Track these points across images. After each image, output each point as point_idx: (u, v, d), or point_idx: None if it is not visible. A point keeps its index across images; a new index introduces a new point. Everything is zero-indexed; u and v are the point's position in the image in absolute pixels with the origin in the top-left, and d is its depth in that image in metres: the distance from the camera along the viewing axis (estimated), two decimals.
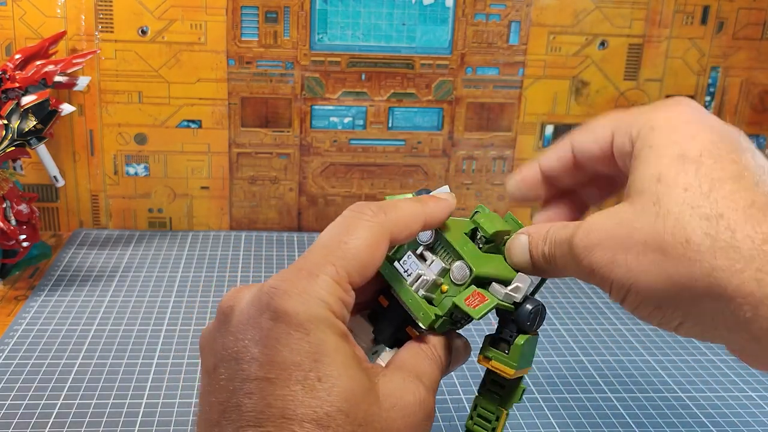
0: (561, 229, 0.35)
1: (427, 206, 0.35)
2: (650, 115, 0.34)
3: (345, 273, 0.31)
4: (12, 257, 0.70)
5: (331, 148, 0.85)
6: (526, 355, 0.36)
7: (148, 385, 0.55)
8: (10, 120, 0.65)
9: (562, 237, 0.34)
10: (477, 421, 0.38)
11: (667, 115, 0.33)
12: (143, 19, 0.78)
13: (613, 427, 0.52)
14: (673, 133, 0.32)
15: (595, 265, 0.32)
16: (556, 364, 0.60)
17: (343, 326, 0.31)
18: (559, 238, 0.35)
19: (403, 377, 0.33)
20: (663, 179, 0.31)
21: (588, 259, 0.32)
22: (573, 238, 0.33)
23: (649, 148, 0.33)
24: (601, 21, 0.84)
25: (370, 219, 0.33)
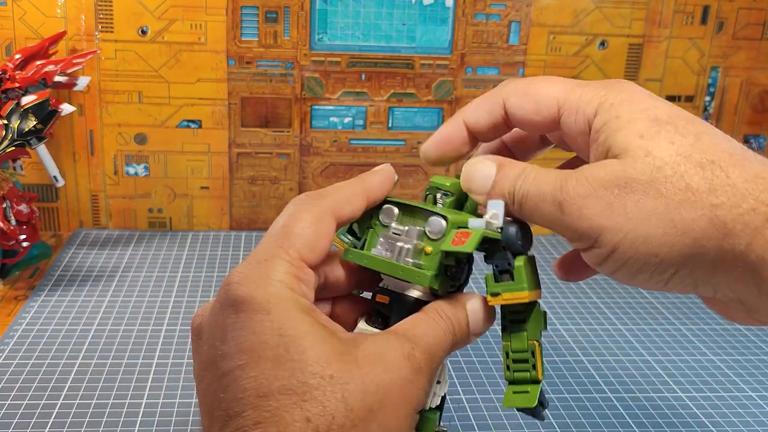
0: (545, 173, 0.34)
1: (364, 181, 0.36)
2: (601, 94, 0.34)
3: (296, 253, 0.33)
4: (12, 257, 0.70)
5: (331, 148, 0.85)
6: (531, 275, 0.35)
7: (148, 385, 0.55)
8: (10, 120, 0.65)
9: (548, 181, 0.33)
10: (515, 367, 0.36)
11: (620, 95, 0.34)
12: (143, 19, 0.78)
13: (613, 427, 0.52)
14: (634, 105, 0.33)
15: (588, 214, 0.32)
16: (556, 364, 0.60)
17: (305, 301, 0.32)
18: (544, 181, 0.34)
19: (387, 337, 0.32)
20: (646, 136, 0.32)
21: (580, 206, 0.32)
22: (565, 185, 0.33)
23: (616, 118, 0.33)
24: (601, 21, 0.84)
25: (310, 203, 0.34)
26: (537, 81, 0.37)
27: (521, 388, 0.36)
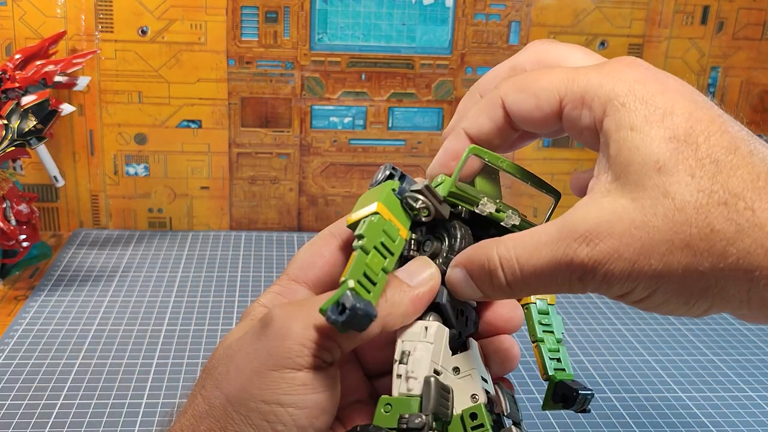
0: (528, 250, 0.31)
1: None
2: (608, 83, 0.31)
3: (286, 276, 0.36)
4: (12, 257, 0.70)
5: (331, 148, 0.85)
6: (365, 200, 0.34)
7: (148, 385, 0.55)
8: (10, 120, 0.65)
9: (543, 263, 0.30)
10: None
11: (628, 86, 0.30)
12: (143, 19, 0.78)
13: (613, 427, 0.52)
14: (649, 108, 0.30)
15: (613, 276, 0.29)
16: None
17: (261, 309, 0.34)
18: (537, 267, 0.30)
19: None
20: (664, 168, 0.29)
21: (604, 270, 0.29)
22: (575, 256, 0.29)
23: (630, 131, 0.29)
24: (601, 21, 0.84)
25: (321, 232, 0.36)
26: (534, 73, 0.34)
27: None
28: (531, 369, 0.59)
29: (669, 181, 0.28)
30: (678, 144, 0.29)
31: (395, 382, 0.32)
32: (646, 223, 0.28)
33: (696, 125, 0.29)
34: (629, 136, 0.29)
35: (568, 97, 0.32)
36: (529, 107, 0.33)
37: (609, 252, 0.29)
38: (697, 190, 0.28)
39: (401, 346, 0.33)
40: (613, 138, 0.30)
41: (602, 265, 0.29)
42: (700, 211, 0.28)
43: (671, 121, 0.29)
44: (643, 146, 0.29)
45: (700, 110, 0.30)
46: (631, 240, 0.29)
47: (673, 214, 0.28)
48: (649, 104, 0.30)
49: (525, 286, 0.31)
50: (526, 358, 0.60)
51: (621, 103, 0.30)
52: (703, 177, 0.28)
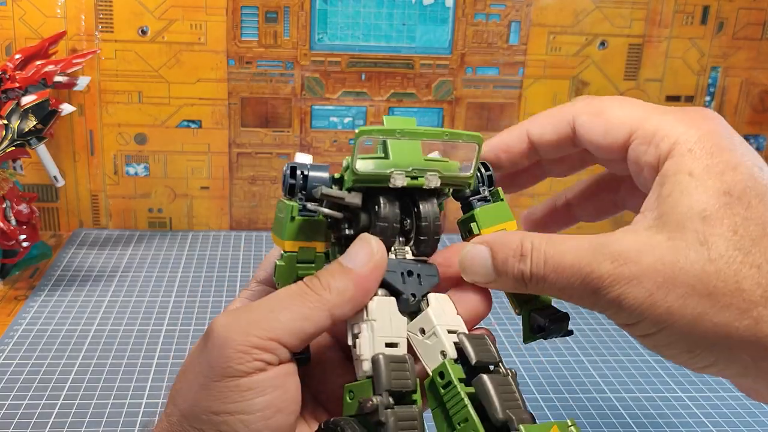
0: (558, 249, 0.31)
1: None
2: (681, 128, 0.31)
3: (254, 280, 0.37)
4: (12, 257, 0.70)
5: (331, 148, 0.85)
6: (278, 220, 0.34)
7: (148, 385, 0.55)
8: (10, 120, 0.65)
9: (569, 262, 0.31)
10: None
11: (700, 135, 0.31)
12: (143, 19, 0.78)
13: (613, 427, 0.52)
14: (713, 160, 0.30)
15: (627, 301, 0.29)
16: (556, 364, 0.60)
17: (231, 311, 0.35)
18: (562, 263, 0.31)
19: None
20: (709, 218, 0.29)
21: (617, 293, 0.29)
22: (594, 269, 0.30)
23: (689, 176, 0.30)
24: (601, 21, 0.84)
25: None
26: (612, 101, 0.34)
27: None
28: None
29: (710, 232, 0.29)
30: (730, 199, 0.29)
31: (356, 366, 0.32)
32: (675, 263, 0.29)
33: (754, 186, 0.30)
34: (685, 180, 0.30)
35: (639, 133, 0.32)
36: (599, 132, 0.34)
37: (629, 275, 0.29)
38: (735, 247, 0.29)
39: (351, 330, 0.32)
40: (670, 179, 0.31)
41: (619, 285, 0.29)
42: (732, 267, 0.28)
43: (731, 177, 0.30)
44: (696, 193, 0.30)
45: (761, 175, 0.30)
46: (654, 272, 0.29)
47: (704, 263, 0.29)
48: (714, 156, 0.30)
49: (542, 281, 0.32)
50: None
51: (688, 148, 0.31)
52: (745, 236, 0.29)
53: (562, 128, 0.35)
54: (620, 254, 0.30)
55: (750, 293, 0.28)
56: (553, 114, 0.36)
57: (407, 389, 0.31)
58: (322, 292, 0.31)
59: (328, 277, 0.32)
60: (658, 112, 0.33)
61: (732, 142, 0.31)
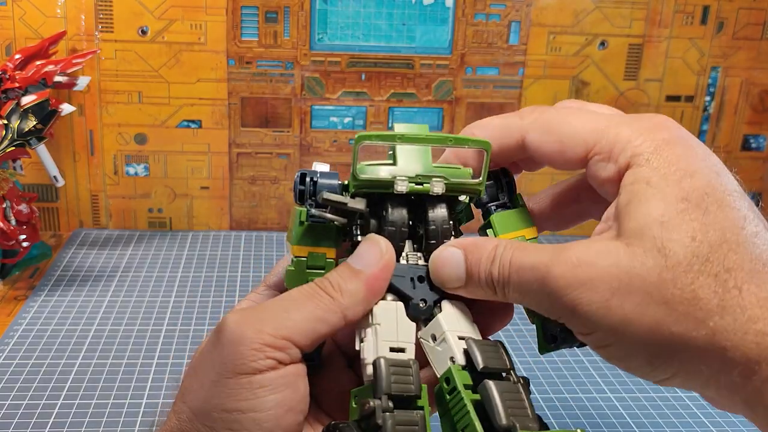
0: (523, 252, 0.31)
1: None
2: (637, 140, 0.31)
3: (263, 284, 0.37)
4: (12, 257, 0.70)
5: (331, 148, 0.85)
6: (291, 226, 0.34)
7: (148, 385, 0.55)
8: (10, 120, 0.65)
9: (529, 263, 0.30)
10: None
11: (656, 144, 0.30)
12: (143, 19, 0.78)
13: (613, 427, 0.52)
14: (670, 168, 0.30)
15: (582, 306, 0.29)
16: (556, 364, 0.60)
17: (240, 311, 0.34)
18: (523, 263, 0.31)
19: None
20: (667, 224, 0.29)
21: (571, 297, 0.29)
22: (551, 270, 0.29)
23: (646, 185, 0.30)
24: (601, 21, 0.84)
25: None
26: (562, 115, 0.33)
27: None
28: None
29: (668, 237, 0.28)
30: (688, 205, 0.29)
31: (362, 372, 0.32)
32: (632, 269, 0.28)
33: (712, 193, 0.29)
34: (643, 189, 0.30)
35: (596, 149, 0.32)
36: (552, 150, 0.33)
37: (584, 278, 0.29)
38: (693, 254, 0.28)
39: (358, 335, 0.33)
40: (627, 189, 0.30)
41: (573, 288, 0.29)
42: (689, 275, 0.28)
43: (688, 184, 0.29)
44: (654, 200, 0.29)
45: (719, 181, 0.30)
46: (610, 277, 0.29)
47: (661, 270, 0.28)
48: (671, 164, 0.30)
49: (507, 284, 0.31)
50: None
51: (645, 159, 0.30)
52: (704, 242, 0.28)
53: (507, 143, 0.34)
54: (577, 257, 0.29)
55: (706, 302, 0.28)
56: (500, 126, 0.34)
57: (409, 393, 0.30)
58: (334, 294, 0.31)
59: (339, 279, 0.32)
60: (613, 123, 0.32)
61: (690, 149, 0.31)
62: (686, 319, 0.28)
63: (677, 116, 0.88)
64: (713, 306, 0.28)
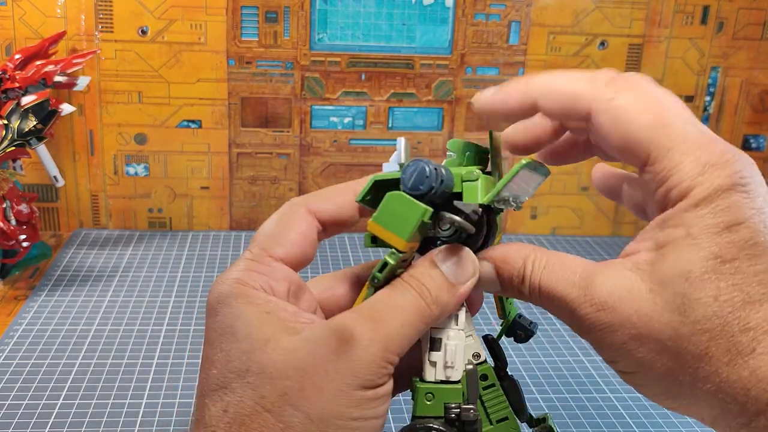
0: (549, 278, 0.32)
1: (357, 183, 0.36)
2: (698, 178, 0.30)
3: (258, 249, 0.34)
4: (12, 257, 0.70)
5: (331, 148, 0.85)
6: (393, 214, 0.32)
7: (148, 385, 0.55)
8: (10, 120, 0.65)
9: (559, 294, 0.31)
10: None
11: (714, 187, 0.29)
12: (143, 19, 0.78)
13: (613, 427, 0.52)
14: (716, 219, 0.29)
15: (603, 344, 0.31)
16: (556, 364, 0.60)
17: (250, 291, 0.32)
18: (554, 293, 0.32)
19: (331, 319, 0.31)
20: (693, 281, 0.29)
21: (596, 335, 0.31)
22: (579, 308, 0.31)
23: (686, 233, 0.30)
24: (601, 21, 0.84)
25: (285, 204, 0.36)
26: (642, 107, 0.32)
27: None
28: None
29: (691, 295, 0.29)
30: (719, 264, 0.29)
31: (429, 368, 0.33)
32: (651, 319, 0.30)
33: (748, 248, 0.29)
34: (681, 237, 0.30)
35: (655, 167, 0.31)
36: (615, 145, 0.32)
37: (606, 323, 0.30)
38: (714, 314, 0.29)
39: (431, 333, 0.33)
40: (669, 231, 0.30)
41: (597, 330, 0.31)
42: (705, 335, 0.29)
43: (727, 238, 0.29)
44: (687, 252, 0.29)
45: (763, 233, 0.29)
46: (630, 324, 0.30)
47: (679, 325, 0.29)
48: (719, 215, 0.29)
49: (538, 302, 0.33)
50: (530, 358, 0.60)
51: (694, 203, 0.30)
52: (726, 303, 0.29)
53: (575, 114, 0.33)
54: (601, 298, 0.30)
55: (716, 360, 0.29)
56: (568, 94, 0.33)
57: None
58: (432, 307, 0.32)
59: (437, 291, 0.32)
60: (683, 148, 0.30)
61: (747, 195, 0.30)
62: (695, 372, 0.29)
63: None
64: (722, 364, 0.29)
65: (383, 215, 0.32)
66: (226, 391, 0.30)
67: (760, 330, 0.29)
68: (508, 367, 0.37)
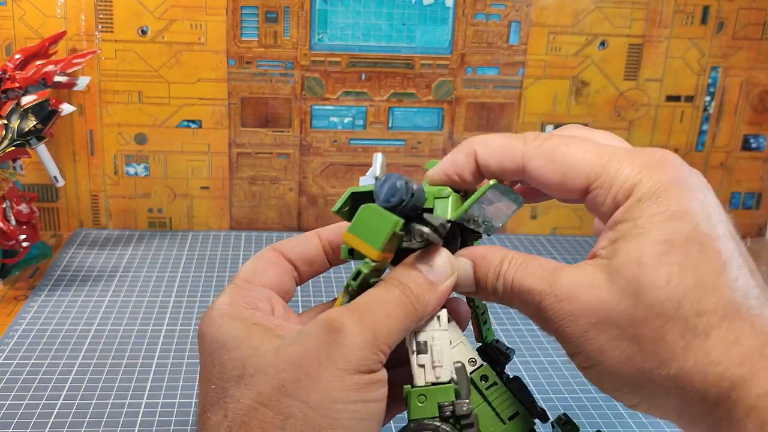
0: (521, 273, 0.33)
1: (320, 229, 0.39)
2: (636, 179, 0.31)
3: (240, 280, 0.37)
4: (12, 257, 0.70)
5: (331, 148, 0.85)
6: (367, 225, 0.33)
7: (148, 385, 0.55)
8: (10, 120, 0.65)
9: (528, 287, 0.33)
10: None
11: (653, 183, 0.31)
12: (143, 19, 0.78)
13: (613, 427, 0.52)
14: (660, 208, 0.31)
15: (566, 333, 0.32)
16: (556, 364, 0.60)
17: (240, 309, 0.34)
18: (523, 287, 0.33)
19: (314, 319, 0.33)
20: (645, 266, 0.30)
21: (558, 326, 0.32)
22: (542, 300, 0.32)
23: (633, 225, 0.31)
24: (601, 21, 0.84)
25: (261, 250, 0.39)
26: (565, 144, 0.33)
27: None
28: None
29: (645, 280, 0.30)
30: (669, 248, 0.30)
31: (417, 371, 0.34)
32: (609, 306, 0.31)
33: (696, 236, 0.30)
34: (629, 228, 0.31)
35: (597, 183, 0.32)
36: (554, 180, 0.33)
37: (568, 312, 0.31)
38: (667, 297, 0.30)
39: (416, 336, 0.34)
40: (618, 226, 0.32)
41: (559, 320, 0.32)
42: (660, 318, 0.30)
43: (674, 226, 0.30)
44: (637, 241, 0.31)
45: (708, 222, 0.31)
46: (590, 312, 0.31)
47: (635, 310, 0.30)
48: (662, 205, 0.31)
49: (509, 301, 0.34)
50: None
51: (638, 198, 0.31)
52: (678, 286, 0.30)
53: (509, 166, 0.34)
54: (563, 289, 0.32)
55: (673, 344, 0.30)
56: (503, 147, 0.34)
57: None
58: (417, 305, 0.33)
59: (419, 289, 0.34)
60: (616, 158, 0.32)
61: (686, 189, 0.31)
62: (653, 357, 0.30)
63: (677, 116, 0.88)
64: (678, 348, 0.29)
65: (357, 226, 0.33)
66: (225, 399, 0.31)
67: (714, 315, 0.29)
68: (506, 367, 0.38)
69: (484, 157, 0.35)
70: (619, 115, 0.87)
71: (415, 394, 0.34)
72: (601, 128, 0.37)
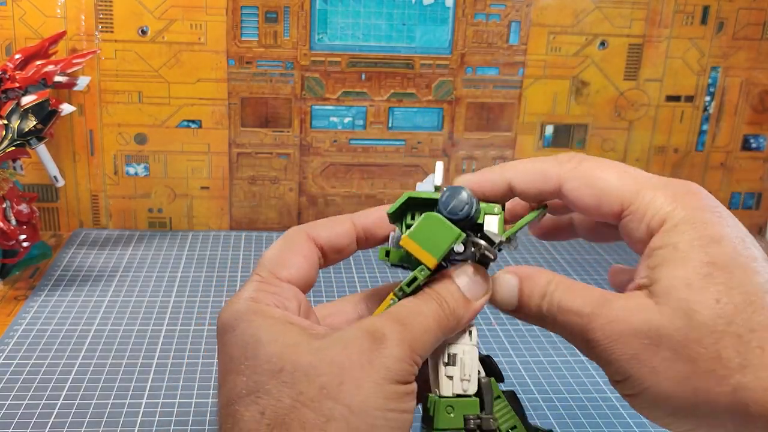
0: (569, 295, 0.34)
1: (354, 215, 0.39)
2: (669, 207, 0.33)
3: (266, 272, 0.36)
4: (12, 257, 0.70)
5: (331, 148, 0.85)
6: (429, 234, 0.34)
7: (148, 385, 0.55)
8: (10, 120, 0.65)
9: (573, 309, 0.34)
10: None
11: (687, 212, 0.32)
12: (143, 19, 0.78)
13: (613, 427, 0.52)
14: (697, 234, 0.32)
15: (614, 356, 0.32)
16: (556, 363, 0.60)
17: (270, 308, 0.34)
18: (568, 308, 0.34)
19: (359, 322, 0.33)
20: (693, 287, 0.31)
21: (606, 348, 0.32)
22: (591, 322, 0.33)
23: (674, 249, 0.32)
24: (601, 21, 0.84)
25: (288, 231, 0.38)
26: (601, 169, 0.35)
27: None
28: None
29: (694, 300, 0.31)
30: (714, 270, 0.31)
31: (445, 382, 0.35)
32: (661, 327, 0.31)
33: (737, 258, 0.31)
34: (671, 253, 0.32)
35: (631, 209, 0.34)
36: (590, 203, 0.35)
37: (617, 334, 0.32)
38: (718, 315, 0.30)
39: (448, 349, 0.35)
40: (657, 252, 0.32)
41: (610, 342, 0.32)
42: (713, 335, 0.30)
43: (714, 249, 0.31)
44: (681, 264, 0.32)
45: (744, 246, 0.32)
46: (641, 334, 0.31)
47: (688, 330, 0.30)
48: (698, 231, 0.32)
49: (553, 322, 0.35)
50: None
51: (674, 224, 0.32)
52: (728, 305, 0.30)
53: (546, 189, 0.36)
54: (614, 313, 0.32)
55: (728, 361, 0.30)
56: (537, 171, 0.36)
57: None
58: (450, 319, 0.34)
59: (455, 305, 0.34)
60: (649, 187, 0.34)
61: (718, 217, 0.33)
62: (710, 376, 0.30)
63: (677, 116, 0.88)
64: (735, 365, 0.30)
65: (419, 233, 0.34)
66: (260, 394, 0.31)
67: (764, 331, 0.30)
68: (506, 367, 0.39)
69: (521, 180, 0.36)
70: (619, 115, 0.87)
71: (444, 404, 0.35)
72: (601, 128, 0.38)
